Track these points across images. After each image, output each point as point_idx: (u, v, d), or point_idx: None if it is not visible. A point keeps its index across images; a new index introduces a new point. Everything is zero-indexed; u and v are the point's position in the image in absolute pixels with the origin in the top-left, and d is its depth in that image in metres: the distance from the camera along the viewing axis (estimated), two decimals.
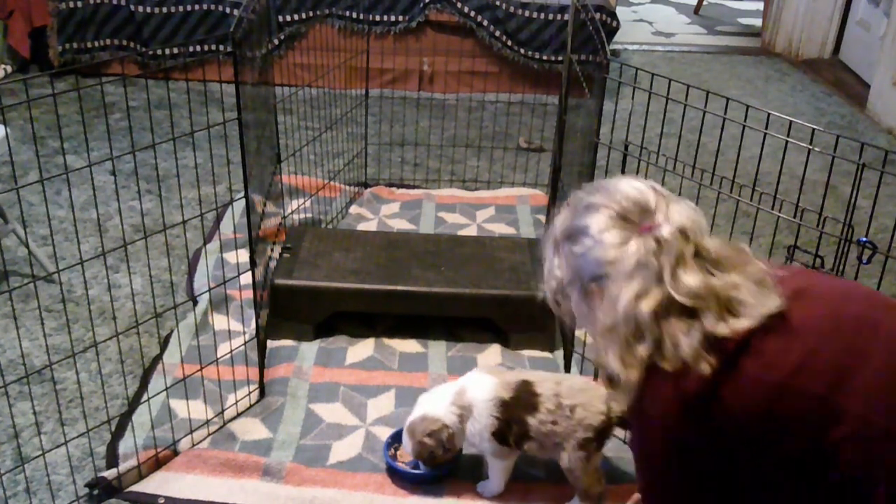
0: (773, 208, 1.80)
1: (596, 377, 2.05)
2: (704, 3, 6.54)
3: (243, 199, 2.10)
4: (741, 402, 1.16)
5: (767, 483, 1.20)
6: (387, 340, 2.53)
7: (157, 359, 2.40)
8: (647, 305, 1.20)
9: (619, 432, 2.00)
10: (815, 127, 1.72)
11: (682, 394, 1.19)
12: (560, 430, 1.86)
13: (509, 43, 4.37)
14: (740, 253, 1.27)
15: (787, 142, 1.71)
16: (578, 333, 2.38)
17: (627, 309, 1.21)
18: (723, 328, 1.18)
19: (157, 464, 2.03)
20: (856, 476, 1.11)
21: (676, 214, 1.24)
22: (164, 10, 4.28)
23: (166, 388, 2.15)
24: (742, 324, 1.18)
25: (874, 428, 1.09)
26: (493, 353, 2.48)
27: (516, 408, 1.90)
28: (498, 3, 4.31)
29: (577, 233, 1.29)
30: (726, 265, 1.24)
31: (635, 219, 1.25)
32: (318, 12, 4.31)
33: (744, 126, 1.75)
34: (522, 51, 4.39)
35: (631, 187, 1.28)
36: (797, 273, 1.37)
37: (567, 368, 2.40)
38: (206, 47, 4.34)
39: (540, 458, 2.04)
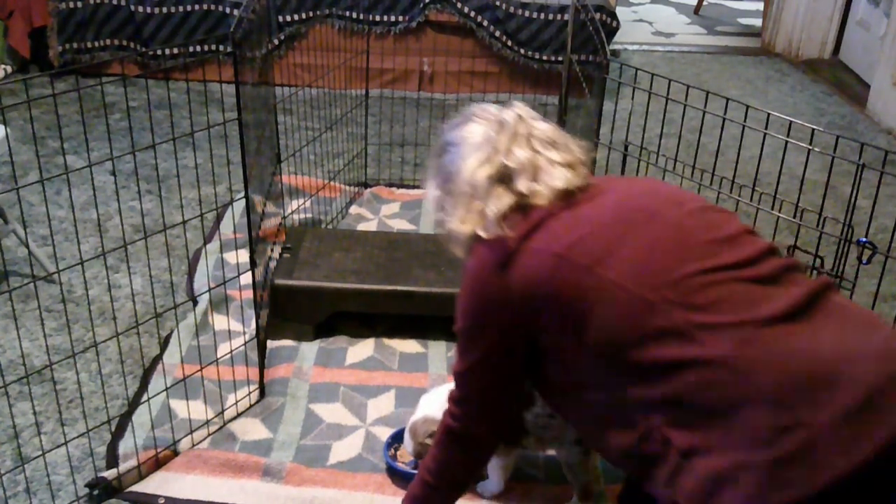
0: (772, 208, 1.80)
1: None
2: (704, 3, 6.54)
3: (243, 200, 2.10)
4: (529, 269, 1.38)
5: (559, 348, 1.40)
6: (387, 340, 2.53)
7: (157, 359, 2.40)
8: (483, 173, 1.46)
9: None
10: (814, 127, 1.73)
11: (490, 256, 1.43)
12: (556, 424, 1.86)
13: (509, 43, 4.37)
14: (564, 139, 1.54)
15: (786, 142, 1.71)
16: None
17: (469, 175, 1.48)
18: (524, 186, 1.44)
19: (157, 464, 2.03)
20: (611, 336, 1.30)
21: (517, 107, 1.55)
22: (164, 10, 4.28)
23: (166, 389, 2.15)
24: (541, 190, 1.44)
25: (623, 292, 1.29)
26: None
27: None
28: (498, 3, 4.31)
29: (444, 145, 1.57)
30: (551, 146, 1.51)
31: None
32: (318, 12, 4.31)
33: (744, 126, 1.75)
34: (522, 51, 4.39)
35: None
36: (613, 178, 1.61)
37: None
38: (206, 47, 4.34)
39: (539, 452, 2.04)
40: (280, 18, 4.28)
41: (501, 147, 1.48)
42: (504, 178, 1.46)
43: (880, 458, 1.12)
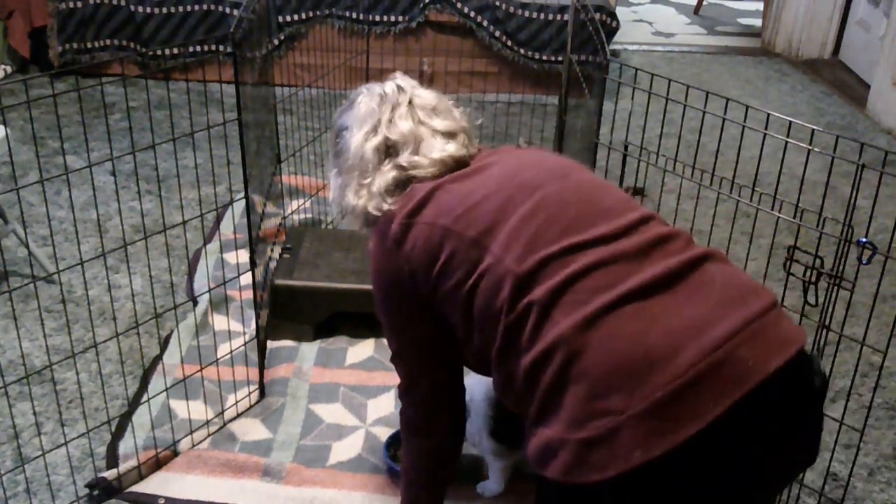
0: (772, 209, 1.80)
1: None
2: (704, 3, 6.54)
3: (243, 200, 2.10)
4: (420, 242, 1.43)
5: (458, 316, 1.42)
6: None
7: (157, 359, 2.40)
8: (370, 145, 1.53)
9: None
10: (814, 127, 1.72)
11: (383, 236, 1.48)
12: None
13: (509, 43, 4.37)
14: (447, 106, 1.60)
15: (786, 142, 1.71)
16: None
17: (357, 148, 1.54)
18: (406, 160, 1.50)
19: (158, 464, 2.03)
20: (491, 305, 1.34)
21: (398, 78, 1.60)
22: (164, 10, 4.28)
23: (166, 389, 2.15)
24: (421, 162, 1.50)
25: (500, 266, 1.33)
26: None
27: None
28: (498, 3, 4.31)
29: (338, 130, 1.63)
30: (434, 114, 1.57)
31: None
32: (318, 12, 4.31)
33: (744, 126, 1.75)
34: (522, 51, 4.39)
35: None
36: (504, 149, 1.62)
37: None
38: (206, 47, 4.34)
39: None
40: (280, 18, 4.28)
41: (384, 118, 1.55)
42: (389, 150, 1.54)
43: (679, 453, 1.14)
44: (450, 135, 1.55)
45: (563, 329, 1.24)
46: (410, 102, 1.57)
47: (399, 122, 1.54)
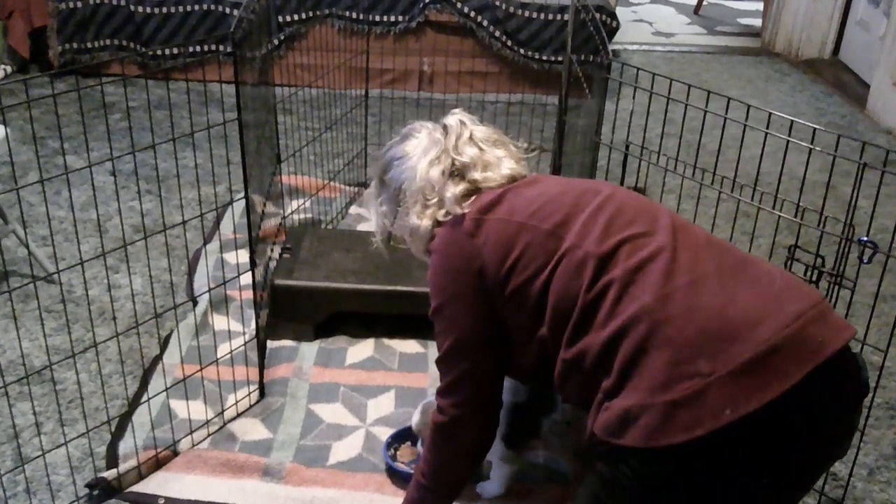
0: (773, 208, 1.80)
1: None
2: (704, 3, 6.54)
3: (243, 200, 2.10)
4: (494, 237, 1.52)
5: (526, 311, 1.50)
6: (387, 340, 2.53)
7: (157, 359, 2.40)
8: (437, 170, 1.62)
9: None
10: (815, 126, 1.72)
11: (456, 229, 1.56)
12: (570, 434, 1.86)
13: (509, 43, 4.37)
14: (504, 139, 1.71)
15: (787, 141, 1.71)
16: None
17: (423, 173, 1.62)
18: (477, 175, 1.60)
19: (157, 464, 2.03)
20: (571, 286, 1.43)
21: (458, 114, 1.70)
22: (164, 10, 4.28)
23: (166, 389, 2.15)
24: (492, 176, 1.61)
25: (580, 251, 1.43)
26: None
27: (530, 411, 1.89)
28: (498, 3, 4.31)
29: (388, 161, 1.71)
30: (494, 145, 1.67)
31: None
32: (318, 12, 4.31)
33: (745, 126, 1.75)
34: (522, 51, 4.39)
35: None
36: (545, 175, 1.79)
37: None
38: (206, 47, 4.34)
39: (542, 458, 2.04)
40: (280, 18, 4.28)
41: (450, 146, 1.64)
42: (456, 172, 1.62)
43: (765, 415, 1.23)
44: (514, 159, 1.67)
45: (645, 302, 1.33)
46: (472, 136, 1.66)
47: (465, 148, 1.64)
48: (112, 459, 2.04)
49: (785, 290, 1.36)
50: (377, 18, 4.34)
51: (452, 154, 1.63)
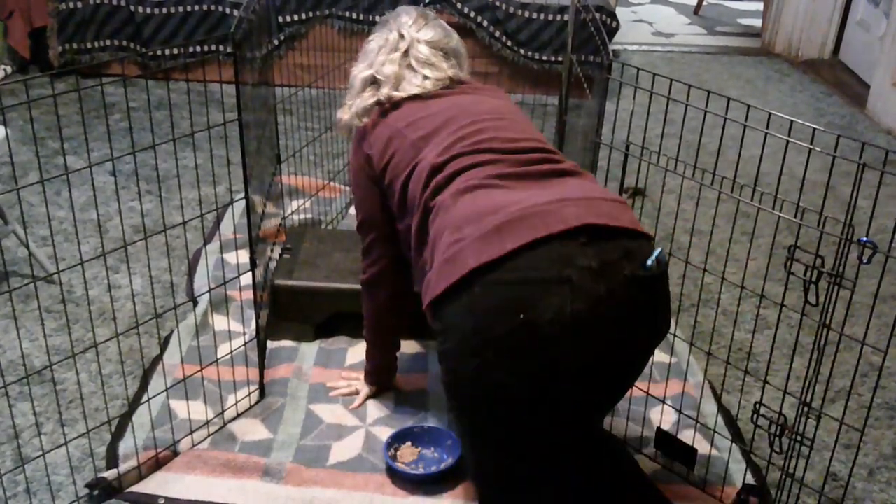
0: (773, 208, 1.80)
1: None
2: (704, 3, 6.54)
3: (243, 200, 2.10)
4: (377, 138, 1.90)
5: (394, 199, 1.86)
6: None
7: (157, 359, 2.40)
8: (359, 79, 1.98)
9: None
10: (815, 126, 1.72)
11: (357, 136, 1.98)
12: None
13: (509, 43, 4.37)
14: (442, 61, 1.98)
15: (787, 142, 1.71)
16: None
17: (352, 78, 2.02)
18: (385, 92, 1.93)
19: (157, 464, 2.03)
20: (416, 189, 1.76)
21: (405, 27, 2.00)
22: (164, 10, 4.28)
23: (166, 389, 2.15)
24: (396, 95, 1.92)
25: (429, 163, 1.73)
26: None
27: None
28: (498, 3, 4.31)
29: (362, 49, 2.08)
30: (426, 63, 1.95)
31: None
32: (318, 13, 4.31)
33: (744, 126, 1.75)
34: (522, 51, 4.39)
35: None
36: (471, 89, 2.00)
37: None
38: (206, 48, 4.34)
39: None
40: (280, 19, 4.28)
41: (378, 60, 1.96)
42: (375, 82, 1.95)
43: (503, 259, 1.49)
44: (433, 80, 1.94)
45: (442, 198, 1.67)
46: (407, 51, 1.96)
47: (387, 66, 1.94)
48: (112, 459, 2.04)
49: (574, 188, 1.63)
50: (377, 18, 4.33)
51: (374, 70, 1.95)
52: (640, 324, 1.58)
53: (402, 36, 1.97)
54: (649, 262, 1.52)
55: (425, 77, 1.92)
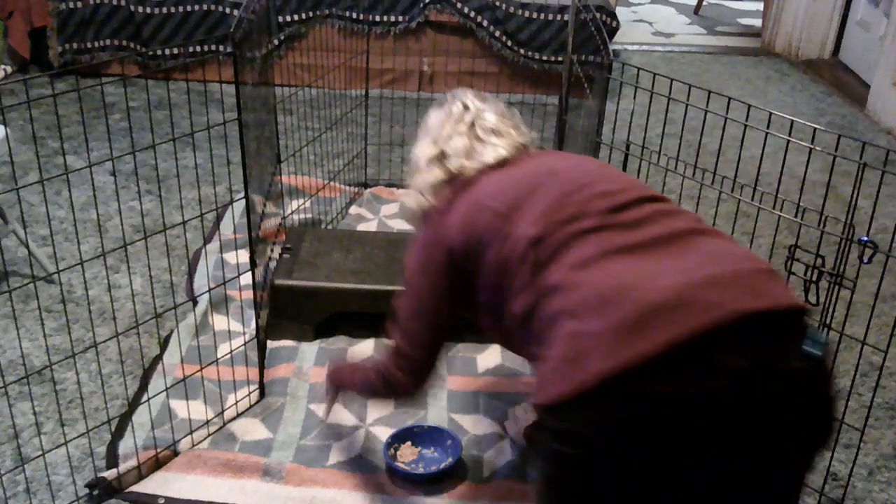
0: (773, 208, 1.80)
1: None
2: (704, 3, 6.54)
3: (243, 200, 2.10)
4: (456, 216, 1.62)
5: (488, 288, 1.59)
6: (387, 341, 2.52)
7: (157, 359, 2.40)
8: (424, 157, 1.76)
9: None
10: (815, 126, 1.72)
11: (430, 213, 1.71)
12: None
13: (509, 43, 4.37)
14: (508, 124, 1.77)
15: (787, 142, 1.71)
16: None
17: (415, 156, 1.79)
18: (455, 164, 1.70)
19: (157, 464, 2.03)
20: (517, 271, 1.50)
21: (467, 98, 1.79)
22: (164, 10, 4.28)
23: (166, 389, 2.15)
24: (469, 166, 1.69)
25: (526, 236, 1.49)
26: (493, 353, 2.48)
27: None
28: (498, 3, 4.31)
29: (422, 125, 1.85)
30: (493, 133, 1.74)
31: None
32: (318, 13, 4.31)
33: (745, 126, 1.75)
34: (522, 51, 4.39)
35: None
36: (548, 153, 1.85)
37: None
38: (206, 48, 4.34)
39: None
40: (280, 18, 4.28)
41: (444, 134, 1.75)
42: (442, 159, 1.73)
43: (640, 367, 1.23)
44: (504, 147, 1.73)
45: (556, 279, 1.42)
46: (474, 123, 1.75)
47: (456, 139, 1.73)
48: (112, 459, 2.04)
49: (709, 258, 1.35)
50: (377, 18, 4.35)
51: (443, 143, 1.74)
52: (803, 427, 1.31)
53: (466, 107, 1.79)
54: (811, 349, 1.27)
55: (497, 146, 1.73)
